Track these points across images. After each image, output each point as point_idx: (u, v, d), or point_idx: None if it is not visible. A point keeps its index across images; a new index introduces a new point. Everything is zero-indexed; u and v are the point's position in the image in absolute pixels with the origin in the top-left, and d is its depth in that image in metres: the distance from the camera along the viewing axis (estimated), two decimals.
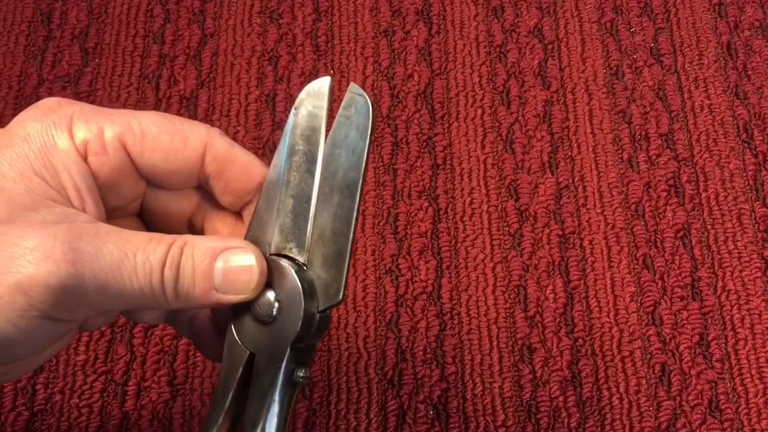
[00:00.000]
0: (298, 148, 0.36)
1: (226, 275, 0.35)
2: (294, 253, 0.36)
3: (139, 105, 0.66)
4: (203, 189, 0.39)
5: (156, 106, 0.66)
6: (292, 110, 0.37)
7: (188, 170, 0.37)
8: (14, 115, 0.65)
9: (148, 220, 0.40)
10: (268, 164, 0.38)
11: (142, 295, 0.34)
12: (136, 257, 0.33)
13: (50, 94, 0.66)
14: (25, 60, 0.68)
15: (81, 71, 0.67)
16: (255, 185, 0.37)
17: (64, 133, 0.35)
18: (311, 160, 0.36)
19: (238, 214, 0.39)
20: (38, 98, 0.65)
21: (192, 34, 0.69)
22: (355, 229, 0.36)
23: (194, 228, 0.40)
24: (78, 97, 0.66)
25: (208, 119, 0.65)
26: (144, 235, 0.34)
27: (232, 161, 0.37)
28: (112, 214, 0.37)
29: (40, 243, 0.32)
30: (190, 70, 0.67)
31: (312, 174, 0.36)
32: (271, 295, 0.36)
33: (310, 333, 0.36)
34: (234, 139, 0.64)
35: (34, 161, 0.34)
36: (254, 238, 0.37)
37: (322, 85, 0.37)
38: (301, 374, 0.36)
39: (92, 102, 0.66)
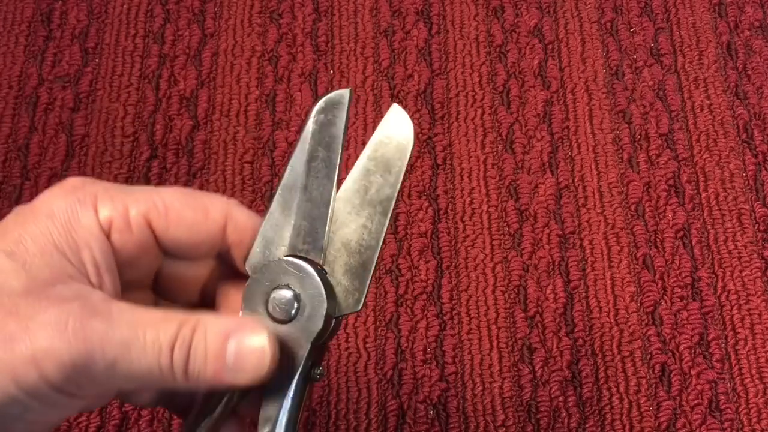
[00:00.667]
0: (317, 155, 0.38)
1: (239, 356, 0.35)
2: (311, 256, 0.37)
3: (139, 105, 0.66)
4: (218, 258, 0.40)
5: (156, 106, 0.66)
6: (312, 117, 0.38)
7: (210, 242, 0.38)
8: (14, 114, 0.65)
9: (162, 288, 0.40)
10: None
11: (150, 375, 0.34)
12: (145, 336, 0.34)
13: (50, 94, 0.66)
14: (25, 60, 0.68)
15: (81, 71, 0.67)
16: None
17: (89, 210, 0.36)
18: (330, 166, 0.38)
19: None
20: (38, 98, 0.66)
21: (192, 34, 0.69)
22: (383, 244, 0.37)
23: (207, 295, 0.41)
24: (78, 97, 0.66)
25: (208, 119, 0.65)
26: (156, 314, 0.35)
27: (252, 230, 0.38)
28: (126, 287, 0.38)
29: (55, 318, 0.32)
30: (190, 70, 0.67)
31: (331, 180, 0.37)
32: (288, 294, 0.37)
33: (328, 334, 0.37)
34: (234, 139, 0.64)
35: (57, 237, 0.35)
36: (268, 238, 0.38)
37: (342, 95, 0.38)
38: (318, 371, 0.37)
39: (92, 102, 0.66)
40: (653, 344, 0.57)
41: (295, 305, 0.36)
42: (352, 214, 0.38)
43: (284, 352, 0.36)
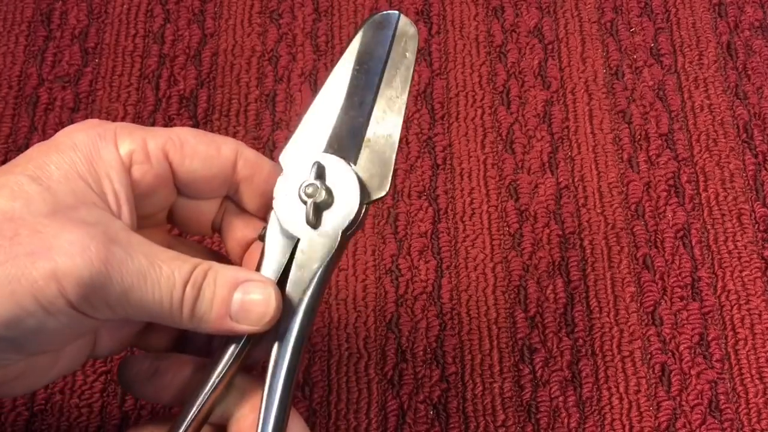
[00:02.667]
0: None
1: (243, 305, 0.37)
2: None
3: (139, 105, 0.66)
4: (227, 198, 0.42)
5: (156, 106, 0.66)
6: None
7: (223, 176, 0.40)
8: (14, 114, 0.65)
9: (175, 223, 0.42)
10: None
11: (160, 308, 0.36)
12: (162, 269, 0.36)
13: (50, 94, 0.66)
14: (25, 60, 0.68)
15: (81, 71, 0.67)
16: None
17: (109, 144, 0.38)
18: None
19: (252, 221, 0.42)
20: (38, 98, 0.66)
21: (192, 34, 0.69)
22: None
23: (215, 230, 0.43)
24: (78, 97, 0.66)
25: (207, 119, 0.65)
26: (172, 253, 0.37)
27: (261, 166, 0.40)
28: (141, 222, 0.39)
29: (78, 238, 0.34)
30: (190, 70, 0.67)
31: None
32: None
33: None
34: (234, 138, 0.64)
35: (80, 166, 0.37)
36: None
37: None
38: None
39: (92, 102, 0.66)
40: (653, 344, 0.57)
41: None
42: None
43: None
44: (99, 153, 0.37)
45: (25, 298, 0.33)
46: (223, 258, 0.43)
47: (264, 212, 0.41)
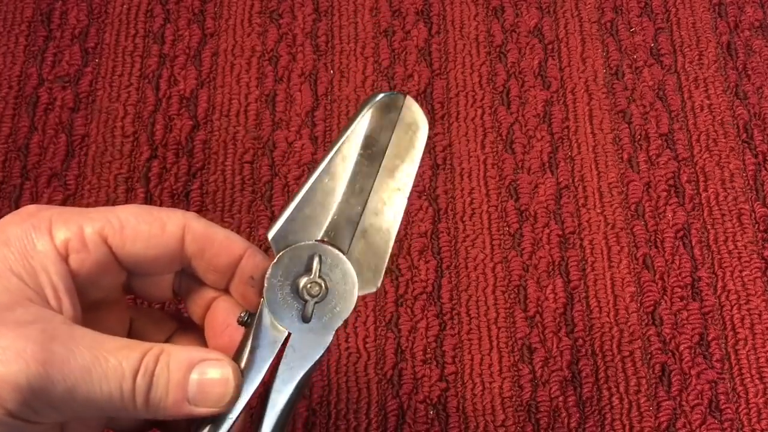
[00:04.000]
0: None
1: (201, 387, 0.35)
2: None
3: (139, 105, 0.66)
4: (182, 272, 0.40)
5: (156, 106, 0.66)
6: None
7: (170, 255, 0.38)
8: (14, 114, 0.65)
9: (136, 295, 0.40)
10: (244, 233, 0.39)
11: (110, 402, 0.34)
12: (108, 362, 0.34)
13: (50, 94, 0.66)
14: (25, 60, 0.68)
15: (81, 71, 0.67)
16: (236, 259, 0.38)
17: (44, 235, 0.36)
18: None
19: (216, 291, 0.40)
20: (38, 98, 0.66)
21: (192, 34, 0.69)
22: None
23: (177, 295, 0.41)
24: (78, 97, 0.66)
25: (208, 119, 0.65)
26: (119, 341, 0.35)
27: (211, 240, 0.38)
28: (95, 306, 0.38)
29: (12, 342, 0.32)
30: (190, 70, 0.67)
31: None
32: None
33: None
34: (234, 139, 0.64)
35: (13, 263, 0.35)
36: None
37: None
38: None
39: (92, 102, 0.66)
40: (653, 344, 0.57)
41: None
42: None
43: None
44: (33, 246, 0.35)
45: None
46: (190, 320, 0.42)
47: (222, 284, 0.39)
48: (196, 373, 0.35)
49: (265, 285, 0.37)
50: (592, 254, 0.60)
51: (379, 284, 0.38)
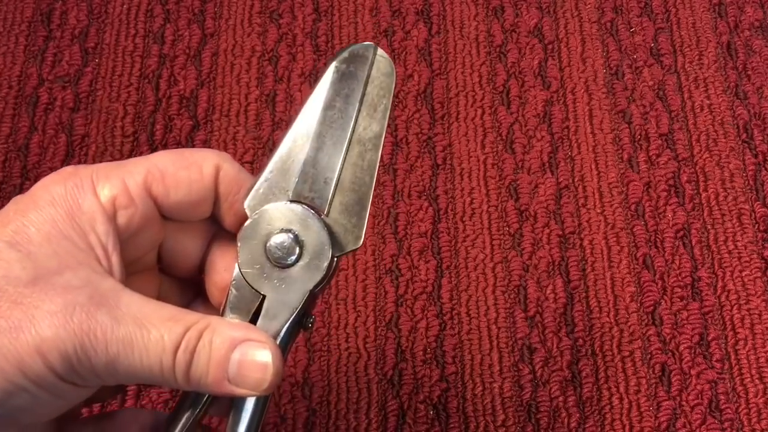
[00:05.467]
0: (334, 104, 0.38)
1: (241, 368, 0.35)
2: (316, 204, 0.37)
3: (139, 105, 0.66)
4: (211, 219, 0.40)
5: (156, 106, 0.66)
6: (333, 66, 0.38)
7: (207, 198, 0.38)
8: (14, 114, 0.65)
9: (165, 265, 0.40)
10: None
11: (150, 374, 0.34)
12: (150, 334, 0.33)
13: (50, 94, 0.66)
14: (25, 60, 0.68)
15: (81, 71, 0.67)
16: None
17: (88, 193, 0.35)
18: (346, 118, 0.38)
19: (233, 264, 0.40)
20: (38, 98, 0.66)
21: (192, 34, 0.69)
22: (375, 179, 0.37)
23: (204, 263, 0.41)
24: (78, 97, 0.66)
25: (208, 119, 0.65)
26: (166, 311, 0.34)
27: (239, 183, 0.38)
28: (130, 268, 0.38)
29: (61, 308, 0.32)
30: (190, 70, 0.67)
31: (345, 131, 0.38)
32: (290, 238, 0.36)
33: (328, 278, 0.37)
34: (234, 139, 0.64)
35: (61, 224, 0.35)
36: (271, 181, 0.38)
37: (367, 48, 0.38)
38: (311, 320, 0.37)
39: (92, 102, 0.66)
40: (653, 344, 0.57)
41: (297, 250, 0.36)
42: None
43: (281, 298, 0.36)
44: (79, 205, 0.35)
45: (13, 375, 0.32)
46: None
47: (236, 228, 0.39)
48: (237, 353, 0.35)
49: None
50: (592, 254, 0.60)
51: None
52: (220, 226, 0.39)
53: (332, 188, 0.37)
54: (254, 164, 0.64)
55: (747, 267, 0.60)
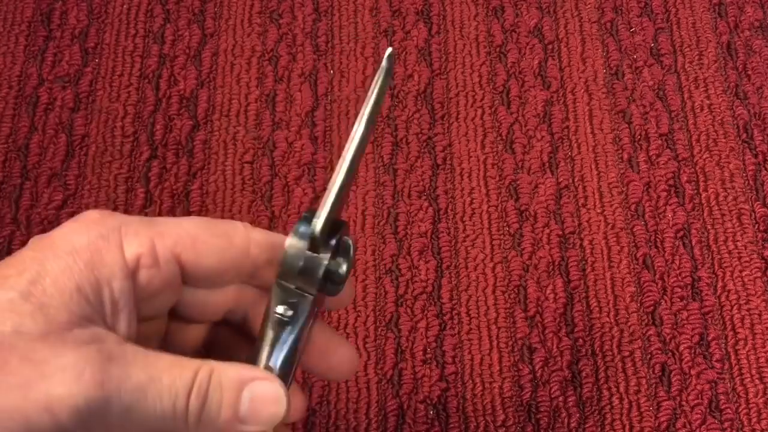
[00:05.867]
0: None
1: (254, 404, 0.35)
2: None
3: (139, 105, 0.66)
4: (244, 282, 0.39)
5: (156, 106, 0.66)
6: (382, 78, 0.38)
7: (237, 267, 0.37)
8: (14, 114, 0.65)
9: (180, 313, 0.40)
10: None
11: (163, 421, 0.34)
12: (162, 381, 0.33)
13: (50, 94, 0.66)
14: (25, 60, 0.68)
15: (81, 71, 0.67)
16: None
17: (113, 247, 0.35)
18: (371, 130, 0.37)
19: None
20: (38, 98, 0.66)
21: (192, 34, 0.69)
22: (351, 165, 0.35)
23: (232, 319, 0.40)
24: (78, 97, 0.66)
25: (208, 119, 0.65)
26: (168, 359, 0.34)
27: (275, 246, 0.37)
28: (141, 319, 0.37)
29: (72, 363, 0.32)
30: (190, 70, 0.67)
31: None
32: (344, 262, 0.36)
33: (293, 273, 0.36)
34: (234, 139, 0.64)
35: (78, 275, 0.34)
36: (334, 207, 0.36)
37: (389, 61, 0.39)
38: (279, 311, 0.36)
39: (92, 102, 0.66)
40: (653, 344, 0.57)
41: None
42: None
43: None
44: (101, 258, 0.34)
45: (18, 431, 0.31)
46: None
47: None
48: (247, 392, 0.35)
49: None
50: (592, 254, 0.60)
51: (318, 227, 0.35)
52: (254, 288, 0.39)
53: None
54: (254, 164, 0.64)
55: (747, 267, 0.60)
